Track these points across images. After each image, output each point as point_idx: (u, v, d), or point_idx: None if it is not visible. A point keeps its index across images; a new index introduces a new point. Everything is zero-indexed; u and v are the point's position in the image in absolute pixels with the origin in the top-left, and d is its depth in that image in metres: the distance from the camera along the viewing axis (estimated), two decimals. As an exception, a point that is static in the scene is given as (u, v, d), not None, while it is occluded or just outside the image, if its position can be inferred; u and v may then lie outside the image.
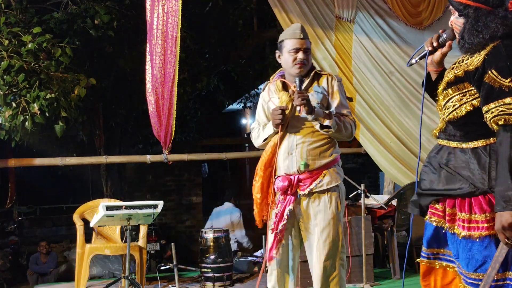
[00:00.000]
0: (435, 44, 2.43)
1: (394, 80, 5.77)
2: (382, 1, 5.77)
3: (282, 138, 3.08)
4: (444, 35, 2.42)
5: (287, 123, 3.06)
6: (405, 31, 5.82)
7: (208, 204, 15.05)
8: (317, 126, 3.01)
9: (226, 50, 8.82)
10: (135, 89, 7.35)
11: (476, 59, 2.24)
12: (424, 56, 2.48)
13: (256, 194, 3.16)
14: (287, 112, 3.03)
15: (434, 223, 2.43)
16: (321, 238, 3.03)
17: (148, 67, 5.08)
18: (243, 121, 17.35)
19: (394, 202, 5.57)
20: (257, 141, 3.27)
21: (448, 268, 2.47)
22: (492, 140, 2.25)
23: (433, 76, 2.52)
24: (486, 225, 2.24)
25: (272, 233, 3.10)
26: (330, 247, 3.03)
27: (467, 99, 2.29)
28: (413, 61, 2.53)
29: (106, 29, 6.20)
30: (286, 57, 3.12)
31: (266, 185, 3.14)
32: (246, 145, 13.46)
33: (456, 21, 2.36)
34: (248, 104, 12.90)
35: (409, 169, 5.71)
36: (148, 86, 5.09)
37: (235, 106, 14.32)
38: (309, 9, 5.51)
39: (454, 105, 2.33)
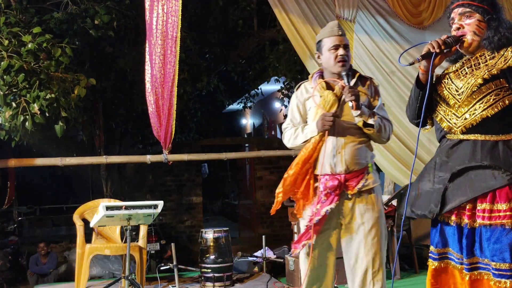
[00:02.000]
0: (443, 47, 2.50)
1: (395, 79, 5.76)
2: (383, 1, 5.75)
3: (327, 137, 3.07)
4: (450, 39, 2.50)
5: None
6: (406, 30, 5.81)
7: (208, 204, 15.14)
8: (360, 124, 3.02)
9: (226, 50, 8.82)
10: (135, 89, 7.36)
11: (509, 58, 2.43)
12: (426, 56, 2.51)
13: (287, 186, 3.15)
14: (334, 110, 3.03)
15: (452, 223, 2.49)
16: (369, 236, 3.04)
17: (147, 67, 5.07)
18: (243, 121, 17.37)
19: (394, 202, 5.57)
20: (293, 142, 3.23)
21: (456, 270, 2.50)
22: None
23: (423, 78, 2.58)
24: (509, 213, 2.33)
25: (307, 229, 3.10)
26: (379, 245, 3.06)
27: (503, 94, 2.43)
28: (414, 60, 2.53)
29: (106, 29, 6.20)
30: (327, 55, 3.12)
31: (300, 180, 3.13)
32: (246, 145, 13.47)
33: (478, 23, 2.49)
34: (248, 104, 12.90)
35: (409, 169, 5.70)
36: (148, 86, 5.08)
37: (235, 106, 14.33)
38: (310, 9, 5.50)
39: (494, 99, 2.44)
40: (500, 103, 2.43)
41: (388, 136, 3.14)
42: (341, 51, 3.07)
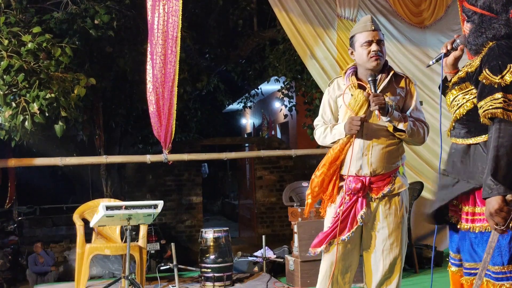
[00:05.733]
0: (449, 47, 2.58)
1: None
2: (384, 0, 5.76)
3: (355, 138, 3.02)
4: (458, 40, 2.56)
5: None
6: (407, 29, 5.80)
7: (208, 204, 15.14)
8: (390, 129, 2.97)
9: (226, 50, 8.82)
10: (135, 89, 7.36)
11: (477, 61, 2.38)
12: (440, 59, 2.61)
13: (314, 188, 3.11)
14: (363, 113, 2.97)
15: (453, 220, 2.53)
16: (388, 240, 3.02)
17: (148, 67, 5.08)
18: (243, 121, 17.37)
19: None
20: (322, 141, 3.19)
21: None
22: None
23: (449, 78, 2.63)
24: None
25: (330, 229, 3.05)
26: (398, 250, 3.04)
27: (469, 97, 2.40)
28: (430, 62, 2.67)
29: (106, 29, 6.19)
30: (360, 51, 3.02)
31: (327, 181, 3.10)
32: (246, 145, 13.46)
33: (465, 26, 2.51)
34: (248, 104, 12.91)
35: (410, 168, 5.70)
36: (149, 86, 5.09)
37: (235, 106, 14.35)
38: (310, 8, 5.49)
39: (458, 104, 2.45)
40: (464, 107, 2.42)
41: (423, 139, 3.06)
42: (374, 47, 2.98)
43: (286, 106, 9.33)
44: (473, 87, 2.39)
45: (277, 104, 12.86)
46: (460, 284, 2.53)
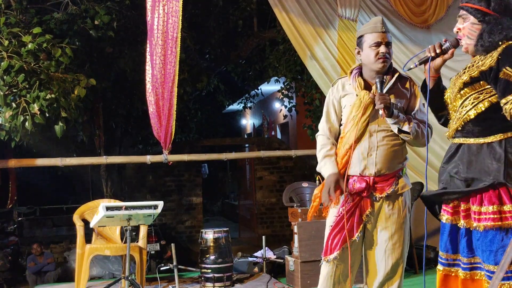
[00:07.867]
0: (438, 51, 2.56)
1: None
2: (385, 0, 5.75)
3: (359, 138, 3.02)
4: (448, 43, 2.55)
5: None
6: (409, 29, 5.78)
7: (208, 204, 15.13)
8: (395, 130, 2.97)
9: (226, 50, 8.82)
10: (135, 89, 7.36)
11: (489, 60, 2.38)
12: (424, 62, 2.59)
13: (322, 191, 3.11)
14: (368, 114, 2.98)
15: (447, 221, 2.54)
16: (391, 240, 3.03)
17: (148, 67, 5.07)
18: (243, 121, 17.36)
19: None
20: (317, 156, 3.18)
21: (467, 276, 2.48)
22: (509, 134, 2.39)
23: (431, 83, 2.62)
24: (492, 216, 2.36)
25: (333, 231, 3.04)
26: (400, 250, 3.04)
27: (484, 96, 2.42)
28: (413, 65, 2.63)
29: (106, 30, 6.20)
30: (367, 52, 3.02)
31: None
32: (246, 145, 13.47)
33: (471, 26, 2.49)
34: (248, 105, 12.92)
35: (410, 168, 5.69)
36: (148, 86, 5.08)
37: (235, 106, 14.34)
38: (311, 8, 5.47)
39: (472, 103, 2.45)
40: (480, 106, 2.42)
41: (426, 141, 3.05)
42: (382, 49, 2.98)
43: (286, 106, 9.34)
44: (488, 86, 2.40)
45: (277, 105, 12.86)
46: (447, 282, 2.55)
